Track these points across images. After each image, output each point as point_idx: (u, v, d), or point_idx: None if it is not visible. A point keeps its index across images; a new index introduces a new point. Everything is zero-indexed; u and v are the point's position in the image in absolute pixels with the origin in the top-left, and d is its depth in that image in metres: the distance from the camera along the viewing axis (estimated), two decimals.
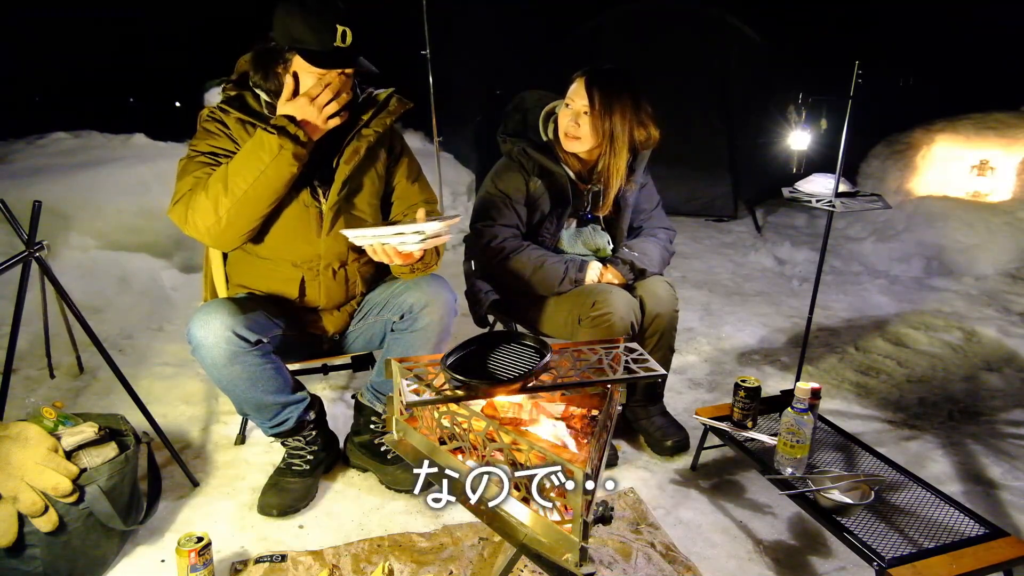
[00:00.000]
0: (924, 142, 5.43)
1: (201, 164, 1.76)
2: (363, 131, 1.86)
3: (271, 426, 1.93)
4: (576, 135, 2.11)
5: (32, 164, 4.38)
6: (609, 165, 2.15)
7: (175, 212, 1.74)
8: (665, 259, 2.34)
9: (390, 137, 1.97)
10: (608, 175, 2.17)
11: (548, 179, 2.19)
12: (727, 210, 5.91)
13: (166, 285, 3.67)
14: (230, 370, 1.74)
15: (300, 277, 1.91)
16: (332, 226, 1.87)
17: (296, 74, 1.70)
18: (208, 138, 1.79)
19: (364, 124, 1.86)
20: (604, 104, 2.07)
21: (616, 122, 2.09)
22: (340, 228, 1.83)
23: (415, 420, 1.55)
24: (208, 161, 1.76)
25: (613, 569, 1.73)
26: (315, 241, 1.88)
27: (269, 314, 1.85)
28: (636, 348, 1.64)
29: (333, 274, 1.94)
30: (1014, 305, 3.82)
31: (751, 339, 3.34)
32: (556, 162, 2.18)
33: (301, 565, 1.71)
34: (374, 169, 1.93)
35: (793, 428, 1.76)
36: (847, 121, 2.13)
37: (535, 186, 2.18)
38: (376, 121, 1.88)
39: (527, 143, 2.19)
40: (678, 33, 5.72)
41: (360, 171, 1.89)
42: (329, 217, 1.85)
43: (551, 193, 2.19)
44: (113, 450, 1.70)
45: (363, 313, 2.04)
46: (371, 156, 1.90)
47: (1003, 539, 1.56)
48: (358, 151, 1.85)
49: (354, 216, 1.92)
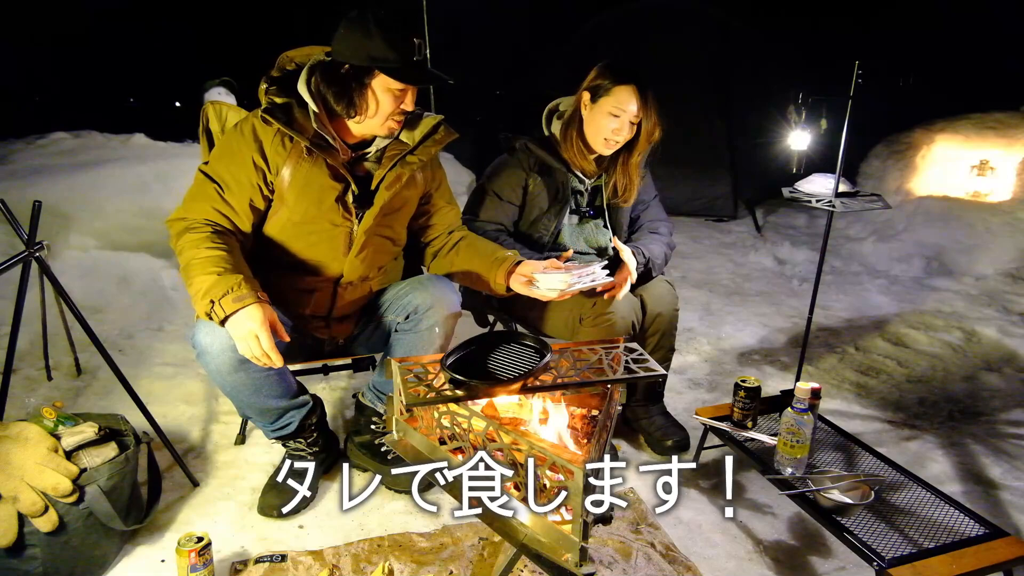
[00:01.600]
0: (924, 142, 5.43)
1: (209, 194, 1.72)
2: (408, 158, 1.83)
3: (273, 429, 1.92)
4: (627, 138, 2.11)
5: (32, 164, 4.38)
6: (628, 161, 2.17)
7: (171, 225, 1.72)
8: (667, 256, 2.35)
9: (431, 163, 1.95)
10: (628, 168, 2.19)
11: (547, 176, 2.18)
12: (727, 210, 5.91)
13: (166, 285, 3.67)
14: (234, 377, 1.73)
15: (316, 292, 1.88)
16: (362, 249, 1.84)
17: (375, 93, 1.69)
18: (228, 156, 1.74)
19: (410, 151, 1.83)
20: (652, 109, 2.08)
21: (654, 124, 2.10)
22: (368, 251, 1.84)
23: (415, 420, 1.55)
24: (214, 194, 1.72)
25: (613, 569, 1.73)
26: (340, 260, 1.85)
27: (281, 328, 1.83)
28: (636, 348, 1.64)
29: (350, 290, 1.91)
30: (1014, 305, 3.82)
31: (751, 339, 3.34)
32: (557, 159, 2.18)
33: (301, 565, 1.71)
34: (413, 195, 1.91)
35: (793, 428, 1.76)
36: (847, 121, 2.13)
37: (534, 184, 2.18)
38: (422, 149, 1.85)
39: (529, 138, 2.19)
40: (678, 33, 5.72)
41: (399, 197, 1.85)
42: (360, 240, 1.82)
43: (549, 190, 2.18)
44: (113, 450, 1.70)
45: (369, 316, 2.03)
46: (412, 183, 1.88)
47: (1003, 539, 1.56)
48: (400, 178, 1.82)
49: (384, 239, 1.90)
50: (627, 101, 2.05)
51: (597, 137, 2.11)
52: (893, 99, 4.95)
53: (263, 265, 1.79)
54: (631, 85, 2.05)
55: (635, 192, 2.25)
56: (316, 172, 1.74)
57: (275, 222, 1.80)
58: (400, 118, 1.77)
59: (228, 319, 1.56)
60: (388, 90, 1.69)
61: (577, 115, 2.14)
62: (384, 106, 1.71)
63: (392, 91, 1.69)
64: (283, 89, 1.75)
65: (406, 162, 1.82)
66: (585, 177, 2.22)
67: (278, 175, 1.74)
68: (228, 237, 1.71)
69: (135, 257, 3.74)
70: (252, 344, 1.55)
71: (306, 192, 1.75)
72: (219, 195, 1.73)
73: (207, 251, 1.63)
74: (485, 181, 2.23)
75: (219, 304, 1.55)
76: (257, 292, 1.59)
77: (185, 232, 1.68)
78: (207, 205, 1.72)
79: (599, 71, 2.10)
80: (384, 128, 1.77)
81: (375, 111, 1.72)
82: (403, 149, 1.84)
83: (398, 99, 1.71)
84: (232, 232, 1.74)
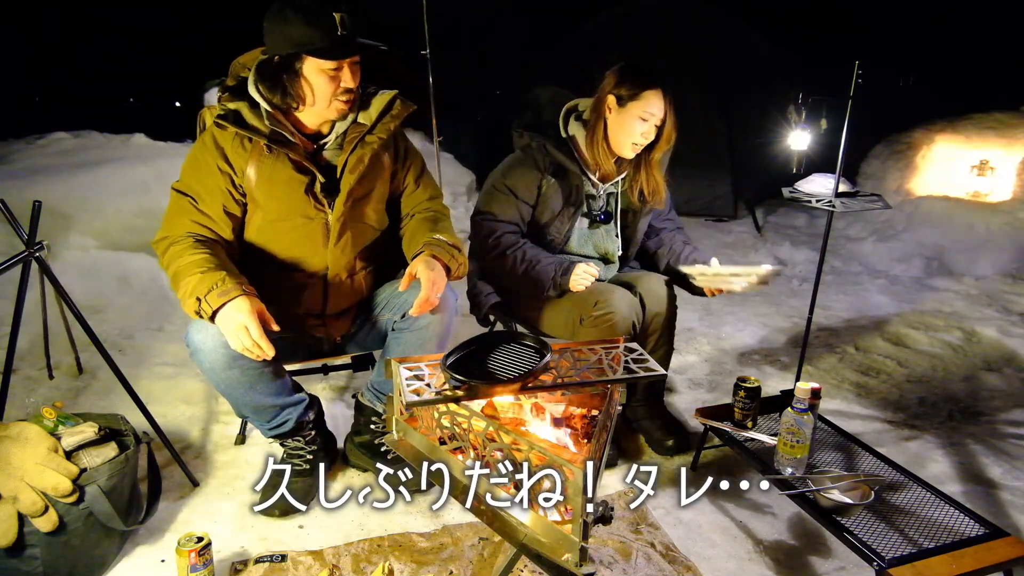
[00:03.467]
0: (924, 142, 5.43)
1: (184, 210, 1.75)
2: (367, 138, 1.82)
3: (270, 428, 1.93)
4: (644, 144, 2.11)
5: (32, 164, 4.38)
6: (652, 162, 2.18)
7: (156, 246, 1.76)
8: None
9: (394, 139, 1.94)
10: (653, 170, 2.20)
11: (561, 178, 2.16)
12: (727, 210, 5.91)
13: (166, 285, 3.66)
14: (228, 374, 1.74)
15: (307, 287, 1.89)
16: (340, 237, 1.85)
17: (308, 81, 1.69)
18: (194, 170, 1.77)
19: (368, 131, 1.83)
20: (671, 109, 2.09)
21: (673, 124, 2.12)
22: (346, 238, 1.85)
23: (415, 420, 1.55)
24: (189, 208, 1.75)
25: (613, 569, 1.73)
26: (322, 252, 1.86)
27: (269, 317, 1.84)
28: (636, 348, 1.64)
29: (340, 283, 1.92)
30: (1014, 305, 3.83)
31: (751, 339, 3.34)
32: (574, 161, 2.16)
33: (301, 565, 1.71)
34: (380, 176, 1.90)
35: (793, 428, 1.76)
36: (847, 121, 2.13)
37: (547, 185, 2.16)
38: (380, 127, 1.84)
39: (547, 139, 2.16)
40: (678, 33, 5.71)
41: (366, 179, 1.85)
42: (336, 228, 1.83)
43: (563, 192, 2.17)
44: (113, 450, 1.70)
45: (365, 314, 2.03)
46: (376, 163, 1.87)
47: (1003, 539, 1.56)
48: (362, 159, 1.81)
49: (361, 225, 1.90)
50: (656, 105, 2.05)
51: (625, 141, 2.10)
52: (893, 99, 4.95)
53: (251, 270, 1.79)
54: (658, 89, 2.06)
55: (663, 191, 2.25)
56: (280, 167, 1.76)
57: (253, 225, 1.82)
58: (346, 97, 1.74)
59: (216, 314, 1.58)
60: (320, 71, 1.68)
61: (602, 119, 2.11)
62: (321, 89, 1.70)
63: (325, 72, 1.68)
64: (237, 95, 1.77)
65: (365, 142, 1.82)
66: (599, 182, 2.21)
67: (244, 176, 1.75)
68: (211, 244, 1.74)
69: (135, 257, 3.74)
70: (242, 336, 1.56)
71: (273, 188, 1.76)
72: (194, 207, 1.75)
73: (190, 256, 1.66)
74: (500, 178, 2.19)
75: (205, 301, 1.57)
76: (242, 285, 1.61)
77: (169, 247, 1.71)
78: (185, 220, 1.75)
79: (623, 74, 2.08)
80: (333, 110, 1.76)
81: (313, 96, 1.72)
82: (362, 130, 1.83)
83: (334, 79, 1.70)
84: (215, 240, 1.77)
